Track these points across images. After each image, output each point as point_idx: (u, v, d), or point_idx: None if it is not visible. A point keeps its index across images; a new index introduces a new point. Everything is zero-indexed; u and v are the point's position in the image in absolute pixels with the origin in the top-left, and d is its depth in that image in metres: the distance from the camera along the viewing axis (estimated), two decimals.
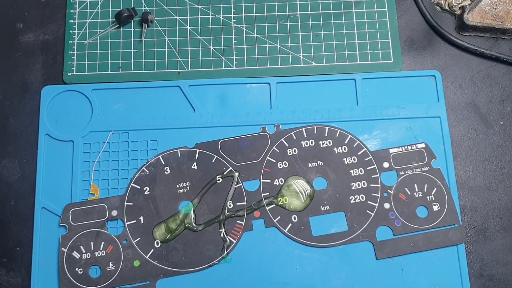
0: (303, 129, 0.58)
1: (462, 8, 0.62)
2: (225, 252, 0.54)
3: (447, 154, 0.57)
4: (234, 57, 0.61)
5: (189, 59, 0.61)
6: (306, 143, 0.58)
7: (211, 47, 0.61)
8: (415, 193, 0.56)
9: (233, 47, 0.61)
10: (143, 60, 0.61)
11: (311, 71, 0.61)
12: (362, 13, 0.62)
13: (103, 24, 0.62)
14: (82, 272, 0.53)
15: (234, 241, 0.55)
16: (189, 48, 0.61)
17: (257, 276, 0.54)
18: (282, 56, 0.61)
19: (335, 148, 0.58)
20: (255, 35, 0.62)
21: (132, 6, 0.62)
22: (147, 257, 0.54)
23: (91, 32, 0.62)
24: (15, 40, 0.62)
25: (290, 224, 0.55)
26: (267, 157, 0.57)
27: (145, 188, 0.56)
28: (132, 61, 0.61)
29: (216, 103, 0.59)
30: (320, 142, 0.58)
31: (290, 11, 0.62)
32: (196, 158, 0.57)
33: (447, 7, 0.62)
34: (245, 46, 0.61)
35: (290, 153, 0.57)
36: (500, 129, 0.59)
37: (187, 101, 0.59)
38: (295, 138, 0.58)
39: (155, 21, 0.62)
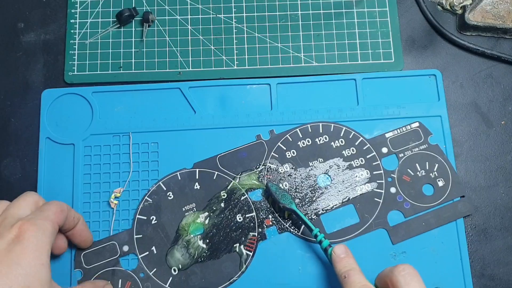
0: (298, 129, 0.58)
1: (464, 7, 0.61)
2: (244, 266, 0.54)
3: (448, 154, 0.57)
4: (235, 57, 0.61)
5: (190, 58, 0.61)
6: (303, 143, 0.58)
7: (212, 47, 0.61)
8: (418, 173, 0.57)
9: (234, 46, 0.61)
10: (144, 60, 0.61)
11: (312, 70, 0.61)
12: (363, 13, 0.62)
13: (104, 24, 0.62)
14: None
15: (251, 253, 0.54)
16: (190, 48, 0.61)
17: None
18: (283, 56, 0.61)
19: (332, 143, 0.58)
20: (256, 34, 0.62)
21: (133, 6, 0.62)
22: (167, 286, 0.54)
23: (92, 32, 0.62)
24: (16, 40, 0.62)
25: (303, 226, 0.55)
26: (268, 164, 0.57)
27: (151, 218, 0.56)
28: (133, 60, 0.61)
29: (216, 105, 0.59)
30: (317, 139, 0.58)
31: (291, 10, 0.62)
32: (197, 177, 0.57)
33: (448, 7, 0.62)
34: (246, 46, 0.61)
35: (289, 155, 0.57)
36: (502, 128, 0.59)
37: (187, 103, 0.59)
38: (291, 140, 0.58)
39: (156, 20, 0.62)
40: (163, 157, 0.57)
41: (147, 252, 0.54)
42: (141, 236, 0.55)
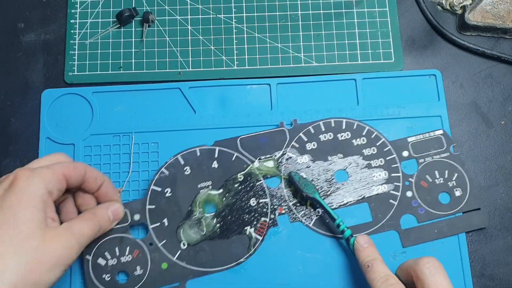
0: (321, 122, 0.58)
1: (463, 7, 0.61)
2: (252, 249, 0.54)
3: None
4: (235, 57, 0.61)
5: (190, 58, 0.61)
6: (325, 137, 0.58)
7: (212, 47, 0.61)
8: (436, 180, 0.56)
9: (234, 47, 0.61)
10: (144, 60, 0.61)
11: (312, 70, 0.61)
12: (363, 13, 0.62)
13: (104, 24, 0.62)
14: (110, 278, 0.53)
15: (260, 238, 0.55)
16: (190, 48, 0.61)
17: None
18: (283, 56, 0.61)
19: (354, 140, 0.58)
20: (256, 34, 0.62)
21: (133, 6, 0.62)
22: (174, 259, 0.54)
23: (92, 32, 0.62)
24: (16, 40, 0.62)
25: (315, 218, 0.55)
26: (287, 152, 0.57)
27: (166, 190, 0.55)
28: (133, 61, 0.61)
29: (216, 105, 0.59)
30: (339, 135, 0.58)
31: (291, 10, 0.62)
32: (216, 156, 0.57)
33: (448, 7, 0.62)
34: (246, 46, 0.61)
35: (309, 147, 0.57)
36: (501, 129, 0.59)
37: (187, 103, 0.59)
38: (313, 132, 0.58)
39: (156, 21, 0.62)
40: (163, 157, 0.57)
41: (158, 224, 0.55)
42: (154, 207, 0.55)
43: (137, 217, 0.54)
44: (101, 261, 0.53)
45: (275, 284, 0.54)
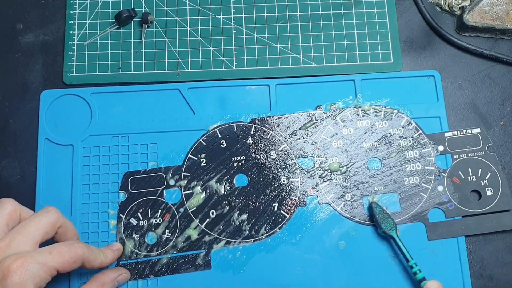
0: (359, 109, 0.59)
1: (462, 8, 0.62)
2: (279, 226, 0.55)
3: (447, 154, 0.57)
4: (234, 58, 0.61)
5: (189, 59, 0.61)
6: (362, 123, 0.58)
7: (211, 48, 0.61)
8: (469, 177, 0.57)
9: (233, 47, 0.61)
10: (143, 61, 0.61)
11: (311, 71, 0.61)
12: (362, 14, 0.62)
13: (103, 25, 0.62)
14: (138, 238, 0.55)
15: (288, 216, 0.55)
16: (189, 49, 0.61)
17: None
18: (282, 57, 0.61)
19: (391, 130, 0.58)
20: (255, 35, 0.62)
21: (132, 7, 0.62)
22: (202, 226, 0.55)
23: (91, 33, 0.62)
24: (15, 41, 0.62)
25: (343, 202, 0.56)
26: (322, 136, 0.58)
27: (201, 160, 0.57)
28: (132, 61, 0.61)
29: (215, 106, 0.59)
30: (377, 123, 0.58)
31: (290, 11, 0.62)
32: (252, 132, 0.58)
33: (447, 8, 0.62)
34: (245, 47, 0.61)
35: (345, 132, 0.58)
36: (500, 129, 0.59)
37: (186, 104, 0.59)
38: (350, 117, 0.58)
39: (155, 21, 0.62)
40: (162, 158, 0.57)
41: (191, 191, 0.56)
42: (188, 174, 0.57)
43: (172, 182, 0.56)
44: (133, 221, 0.55)
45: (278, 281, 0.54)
